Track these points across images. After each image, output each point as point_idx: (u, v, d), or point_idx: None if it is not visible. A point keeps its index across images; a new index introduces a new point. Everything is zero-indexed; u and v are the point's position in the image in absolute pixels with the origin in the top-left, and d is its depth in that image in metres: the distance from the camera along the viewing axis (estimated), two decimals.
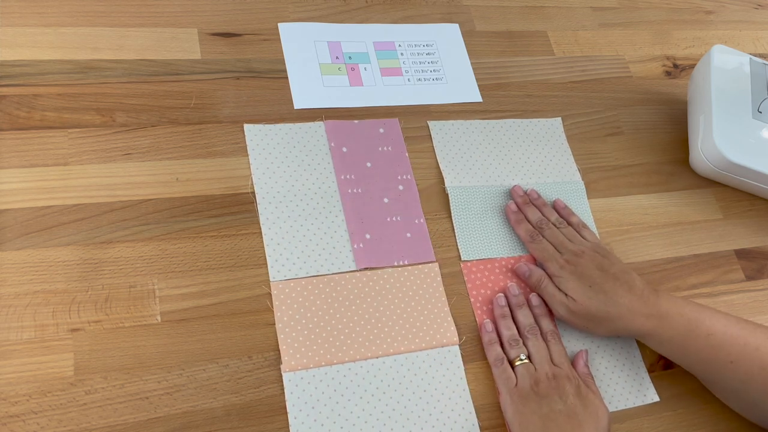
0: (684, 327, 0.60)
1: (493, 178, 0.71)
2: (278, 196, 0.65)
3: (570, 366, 0.61)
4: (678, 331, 0.60)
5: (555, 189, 0.72)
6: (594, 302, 0.61)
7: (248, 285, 0.60)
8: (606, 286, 0.62)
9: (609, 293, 0.61)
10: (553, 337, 0.63)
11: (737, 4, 0.98)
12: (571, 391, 0.58)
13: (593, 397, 0.59)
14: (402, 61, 0.77)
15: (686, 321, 0.60)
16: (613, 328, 0.62)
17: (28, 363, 0.53)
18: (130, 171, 0.62)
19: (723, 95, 0.78)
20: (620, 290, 0.61)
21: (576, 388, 0.59)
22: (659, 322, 0.60)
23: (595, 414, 0.57)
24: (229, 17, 0.73)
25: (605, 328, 0.62)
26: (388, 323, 0.61)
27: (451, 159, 0.71)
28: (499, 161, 0.72)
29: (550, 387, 0.58)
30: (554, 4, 0.88)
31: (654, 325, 0.60)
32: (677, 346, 0.61)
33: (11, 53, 0.64)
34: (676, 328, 0.60)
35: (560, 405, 0.57)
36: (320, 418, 0.56)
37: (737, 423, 0.65)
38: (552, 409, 0.57)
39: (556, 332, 0.63)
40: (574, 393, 0.58)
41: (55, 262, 0.57)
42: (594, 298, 0.61)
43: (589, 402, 0.58)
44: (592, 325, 0.62)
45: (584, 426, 0.56)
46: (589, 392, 0.59)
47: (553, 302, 0.64)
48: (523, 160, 0.73)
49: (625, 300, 0.61)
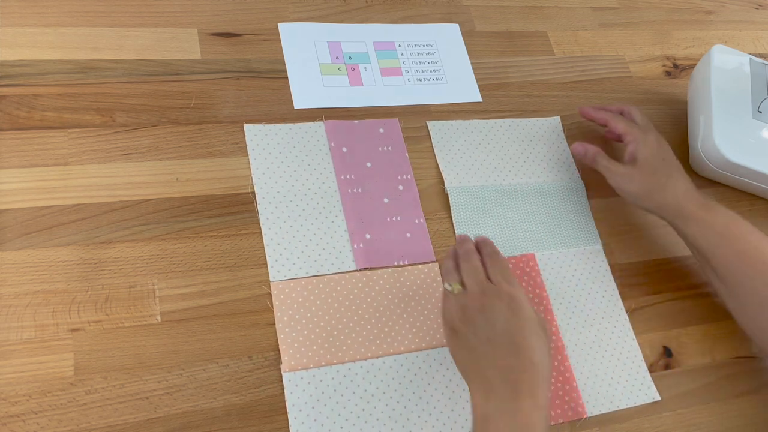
0: (729, 220, 0.64)
1: (492, 177, 0.71)
2: (278, 196, 0.65)
3: (505, 276, 0.56)
4: (723, 222, 0.63)
5: (555, 189, 0.72)
6: (657, 173, 0.66)
7: (248, 285, 0.60)
8: (671, 168, 0.67)
9: (672, 173, 0.67)
10: (491, 256, 0.58)
11: (737, 4, 0.98)
12: (502, 308, 0.53)
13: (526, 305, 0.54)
14: (402, 61, 0.77)
15: (731, 217, 0.64)
16: (663, 201, 0.66)
17: (28, 363, 0.53)
18: (130, 171, 0.62)
19: (723, 95, 0.78)
20: (680, 176, 0.67)
21: (508, 300, 0.54)
22: (707, 212, 0.64)
23: (534, 331, 0.53)
24: (229, 17, 0.73)
25: (656, 199, 0.66)
26: (388, 323, 0.61)
27: (451, 159, 0.71)
28: (499, 161, 0.72)
29: (477, 309, 0.54)
30: (554, 4, 0.88)
31: (703, 212, 0.64)
32: (718, 236, 0.63)
33: (11, 53, 0.64)
34: (722, 219, 0.64)
35: (488, 331, 0.53)
36: (320, 418, 0.56)
37: (737, 423, 0.65)
38: (481, 337, 0.53)
39: (497, 251, 0.59)
40: (505, 310, 0.53)
41: (55, 262, 0.57)
42: (659, 168, 0.67)
43: (523, 314, 0.53)
44: (646, 192, 0.66)
45: (522, 347, 0.52)
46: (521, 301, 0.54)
47: (610, 174, 0.68)
48: (522, 160, 0.73)
49: (683, 183, 0.66)
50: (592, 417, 0.62)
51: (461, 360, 0.55)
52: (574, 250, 0.70)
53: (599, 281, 0.69)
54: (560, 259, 0.69)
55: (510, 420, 0.49)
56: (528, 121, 0.76)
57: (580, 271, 0.69)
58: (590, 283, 0.69)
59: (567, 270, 0.69)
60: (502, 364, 0.52)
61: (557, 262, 0.69)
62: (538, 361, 0.52)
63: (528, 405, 0.49)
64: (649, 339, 0.68)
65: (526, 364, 0.51)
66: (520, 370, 0.51)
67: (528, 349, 0.52)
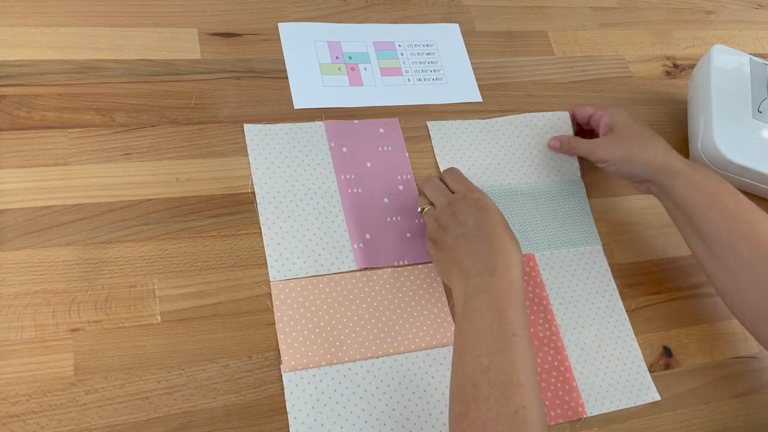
0: (717, 181, 0.63)
1: (492, 177, 0.71)
2: (278, 196, 0.65)
3: (467, 185, 0.62)
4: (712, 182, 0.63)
5: (555, 189, 0.72)
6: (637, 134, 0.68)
7: (248, 285, 0.60)
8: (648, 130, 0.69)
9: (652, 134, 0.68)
10: (448, 172, 0.65)
11: (737, 4, 0.98)
12: (470, 208, 0.59)
13: (492, 204, 0.59)
14: (402, 61, 0.77)
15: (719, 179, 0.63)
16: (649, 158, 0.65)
17: (28, 363, 0.53)
18: (130, 171, 0.62)
19: (723, 95, 0.78)
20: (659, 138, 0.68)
21: (473, 201, 0.59)
22: (696, 170, 0.64)
23: (502, 222, 0.58)
24: (229, 17, 0.73)
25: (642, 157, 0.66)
26: (388, 323, 0.61)
27: (451, 159, 0.71)
28: (499, 161, 0.72)
29: (448, 215, 0.60)
30: (554, 4, 0.88)
31: (691, 169, 0.64)
32: (706, 195, 0.62)
33: (11, 53, 0.64)
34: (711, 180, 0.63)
35: (461, 228, 0.58)
36: (320, 418, 0.56)
37: (737, 423, 0.65)
38: (455, 235, 0.58)
39: (453, 168, 0.65)
40: (474, 210, 0.59)
41: (55, 262, 0.57)
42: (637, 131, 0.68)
43: (491, 212, 0.59)
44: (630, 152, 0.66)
45: (494, 234, 0.57)
46: (487, 201, 0.60)
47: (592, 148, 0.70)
48: (522, 160, 0.73)
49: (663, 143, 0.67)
50: (592, 417, 0.62)
51: (442, 264, 0.60)
52: (574, 250, 0.70)
53: (599, 281, 0.69)
54: (560, 259, 0.69)
55: (488, 295, 0.54)
56: (534, 116, 0.76)
57: (580, 271, 0.69)
58: (590, 283, 0.69)
59: (567, 270, 0.69)
60: (477, 250, 0.56)
61: (557, 262, 0.69)
62: (508, 245, 0.56)
63: (503, 280, 0.54)
64: (649, 339, 0.68)
65: (499, 248, 0.56)
66: (495, 252, 0.56)
67: (498, 236, 0.57)
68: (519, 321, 0.53)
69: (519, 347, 0.51)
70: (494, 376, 0.49)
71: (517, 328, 0.52)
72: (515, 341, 0.51)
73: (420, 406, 0.59)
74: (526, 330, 0.53)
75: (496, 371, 0.50)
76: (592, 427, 0.62)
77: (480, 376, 0.50)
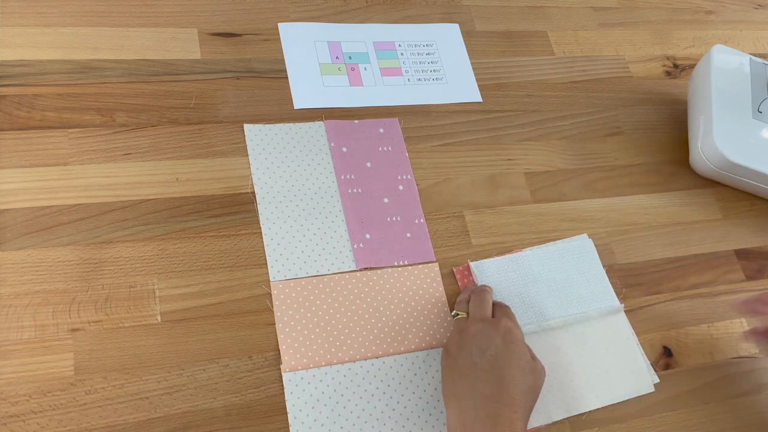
0: None
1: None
2: (278, 196, 0.65)
3: (509, 317, 0.58)
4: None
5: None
6: None
7: (248, 285, 0.60)
8: None
9: None
10: (501, 304, 0.60)
11: (737, 4, 0.98)
12: (497, 336, 0.54)
13: (519, 338, 0.54)
14: (402, 61, 0.77)
15: None
16: None
17: (28, 363, 0.53)
18: (130, 171, 0.62)
19: (723, 95, 0.78)
20: None
21: (504, 330, 0.55)
22: None
23: (521, 367, 0.52)
24: (229, 17, 0.73)
25: None
26: (388, 323, 0.61)
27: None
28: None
29: (472, 337, 0.55)
30: (554, 4, 0.88)
31: None
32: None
33: (11, 53, 0.64)
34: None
35: (477, 357, 0.53)
36: (320, 418, 0.56)
37: (737, 423, 0.65)
38: (467, 362, 0.53)
39: (508, 306, 0.61)
40: (500, 341, 0.54)
41: (55, 262, 0.57)
42: None
43: (514, 347, 0.53)
44: None
45: (505, 380, 0.51)
46: (516, 334, 0.54)
47: None
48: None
49: None
50: (592, 416, 0.62)
51: (445, 382, 0.55)
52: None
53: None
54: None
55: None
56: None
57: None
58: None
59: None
60: (483, 393, 0.51)
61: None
62: (518, 398, 0.51)
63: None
64: (649, 339, 0.68)
65: (506, 398, 0.50)
66: (501, 404, 0.50)
67: (511, 382, 0.51)
68: None
69: None
70: None
71: None
72: None
73: (420, 406, 0.59)
74: None
75: None
76: (592, 427, 0.62)
77: None
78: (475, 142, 0.74)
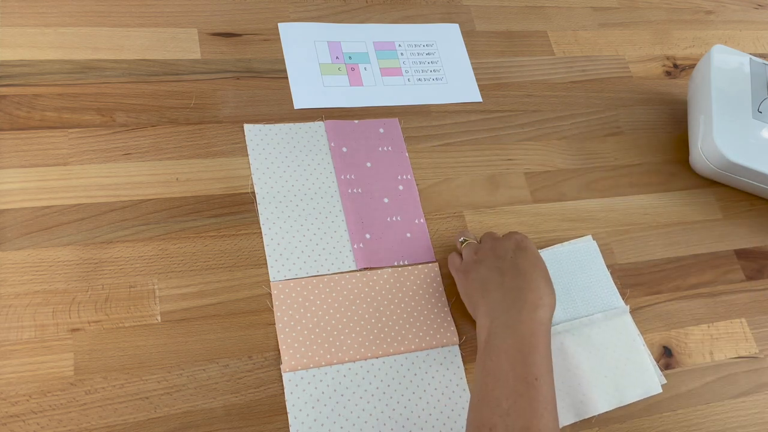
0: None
1: None
2: (278, 196, 0.65)
3: (519, 234, 0.62)
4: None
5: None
6: None
7: (248, 285, 0.60)
8: None
9: None
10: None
11: (737, 4, 0.98)
12: (511, 246, 0.59)
13: (533, 247, 0.59)
14: (402, 61, 0.77)
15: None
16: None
17: (28, 363, 0.53)
18: (130, 171, 0.62)
19: (723, 95, 0.78)
20: None
21: (516, 240, 0.59)
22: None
23: (541, 268, 0.57)
24: (229, 17, 0.73)
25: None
26: (388, 323, 0.61)
27: None
28: None
29: (488, 249, 0.59)
30: (554, 4, 0.88)
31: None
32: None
33: (11, 53, 0.64)
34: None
35: (498, 262, 0.57)
36: (320, 418, 0.56)
37: (737, 423, 0.65)
38: (490, 267, 0.57)
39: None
40: (514, 248, 0.59)
41: (55, 262, 0.57)
42: None
43: (530, 252, 0.58)
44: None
45: (528, 272, 0.56)
46: (528, 243, 0.59)
47: None
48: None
49: None
50: (592, 416, 0.62)
51: (470, 293, 0.59)
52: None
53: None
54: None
55: (513, 333, 0.52)
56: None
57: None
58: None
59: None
60: (509, 285, 0.55)
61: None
62: (540, 284, 0.55)
63: (531, 319, 0.53)
64: (649, 339, 0.68)
65: (530, 285, 0.55)
66: (525, 290, 0.55)
67: (532, 275, 0.56)
68: (543, 365, 0.51)
69: (541, 393, 0.49)
70: (513, 422, 0.48)
71: (540, 373, 0.50)
72: (537, 386, 0.49)
73: (420, 406, 0.59)
74: (550, 375, 0.51)
75: (515, 416, 0.48)
76: (592, 427, 0.62)
77: (498, 419, 0.48)
78: (475, 142, 0.74)
